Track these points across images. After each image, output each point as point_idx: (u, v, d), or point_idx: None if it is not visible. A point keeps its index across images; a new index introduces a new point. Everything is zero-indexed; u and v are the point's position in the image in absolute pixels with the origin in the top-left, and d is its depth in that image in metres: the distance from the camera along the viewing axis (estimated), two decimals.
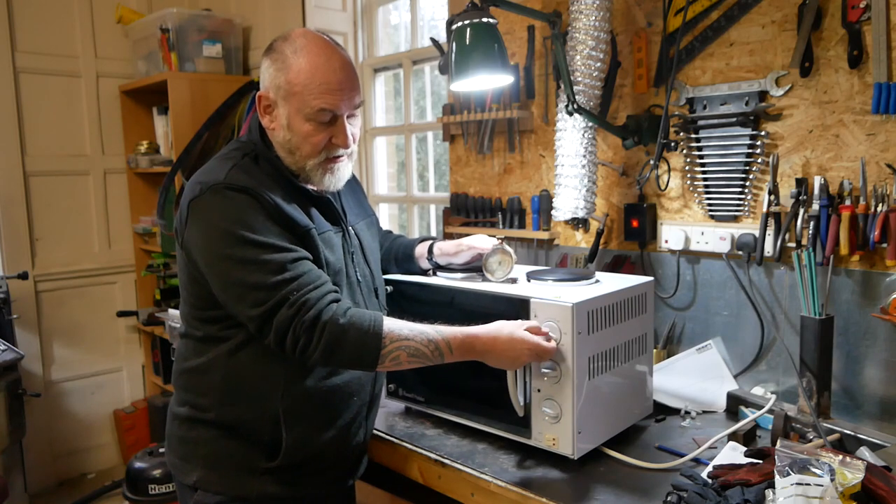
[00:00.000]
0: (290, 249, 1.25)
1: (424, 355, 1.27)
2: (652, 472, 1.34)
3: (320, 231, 1.35)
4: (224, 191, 1.25)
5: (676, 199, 1.89)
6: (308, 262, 1.28)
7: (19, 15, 3.14)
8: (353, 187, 1.61)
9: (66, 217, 3.36)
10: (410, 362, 1.27)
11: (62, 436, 3.36)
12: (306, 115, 1.29)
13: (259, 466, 1.34)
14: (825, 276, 1.57)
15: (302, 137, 1.31)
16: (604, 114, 1.99)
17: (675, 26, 1.81)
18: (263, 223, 1.25)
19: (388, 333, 1.25)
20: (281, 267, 1.22)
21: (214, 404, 1.35)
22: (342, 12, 3.08)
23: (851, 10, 1.50)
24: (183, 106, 3.09)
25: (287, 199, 1.31)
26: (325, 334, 1.21)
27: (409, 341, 1.26)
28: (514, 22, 2.20)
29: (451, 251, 1.61)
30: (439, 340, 1.27)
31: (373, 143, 3.16)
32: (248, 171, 1.31)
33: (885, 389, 1.52)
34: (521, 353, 1.28)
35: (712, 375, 1.75)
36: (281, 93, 1.30)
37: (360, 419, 1.44)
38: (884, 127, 1.50)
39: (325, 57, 1.30)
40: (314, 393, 1.35)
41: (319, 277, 1.26)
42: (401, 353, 1.25)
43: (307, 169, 1.35)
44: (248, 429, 1.34)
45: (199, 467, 1.36)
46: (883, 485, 1.07)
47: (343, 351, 1.22)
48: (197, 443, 1.38)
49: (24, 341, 3.13)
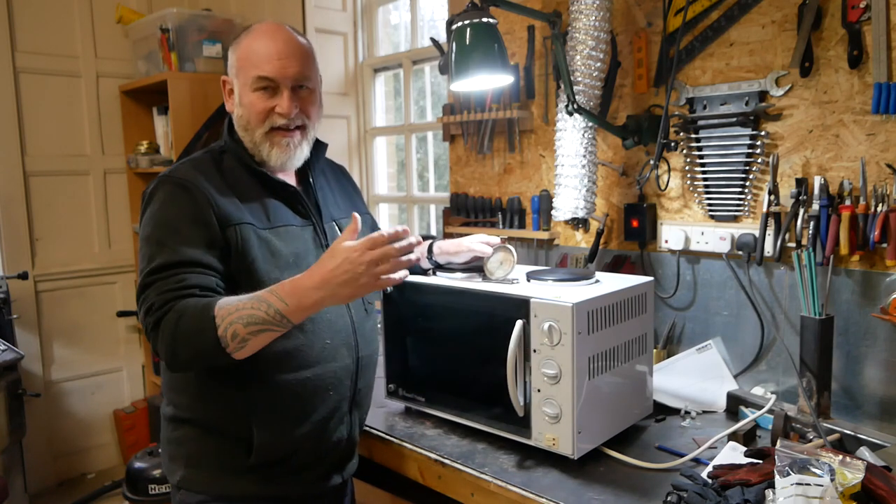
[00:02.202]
0: (183, 251, 1.23)
1: (262, 319, 1.15)
2: (652, 472, 1.34)
3: (273, 225, 1.35)
4: (164, 184, 1.31)
5: (676, 199, 1.89)
6: (191, 266, 1.22)
7: (19, 15, 3.14)
8: (344, 186, 1.62)
9: (66, 217, 3.35)
10: (252, 332, 1.15)
11: (62, 436, 3.36)
12: (250, 85, 1.35)
13: (240, 465, 1.33)
14: (825, 276, 1.57)
15: (248, 108, 1.36)
16: (604, 114, 1.99)
17: (675, 26, 1.81)
18: (185, 217, 1.26)
19: (220, 311, 1.16)
20: (159, 266, 1.22)
21: (191, 402, 1.36)
22: (342, 12, 3.09)
23: (851, 10, 1.50)
24: (183, 106, 3.09)
25: (230, 193, 1.32)
26: (163, 334, 1.18)
27: (241, 311, 1.15)
28: (514, 22, 2.20)
29: (451, 250, 1.62)
30: (268, 296, 1.17)
31: (373, 143, 3.16)
32: (199, 165, 1.35)
33: (885, 389, 1.52)
34: (357, 273, 1.14)
35: (712, 375, 1.75)
36: (233, 71, 1.39)
37: (340, 415, 1.41)
38: (884, 127, 1.50)
39: (271, 34, 1.37)
40: (284, 387, 1.32)
41: (182, 281, 1.21)
42: (236, 326, 1.15)
43: (257, 142, 1.37)
44: (224, 427, 1.33)
45: (183, 466, 1.37)
46: (883, 485, 1.07)
47: (183, 345, 1.17)
48: (180, 442, 1.38)
49: (24, 341, 3.13)
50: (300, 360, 1.33)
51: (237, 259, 1.29)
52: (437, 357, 1.56)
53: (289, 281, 1.19)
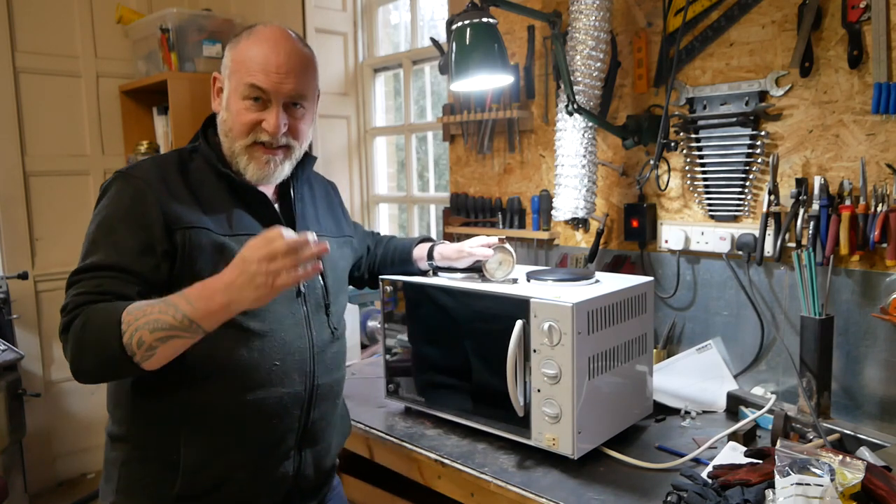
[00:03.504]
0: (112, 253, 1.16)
1: (169, 325, 1.06)
2: (652, 472, 1.34)
3: (235, 233, 1.24)
4: (117, 180, 1.23)
5: (676, 199, 1.89)
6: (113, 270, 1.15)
7: (19, 15, 3.14)
8: (332, 205, 1.53)
9: (66, 217, 3.35)
10: (159, 338, 1.06)
11: (62, 436, 3.36)
12: (241, 92, 1.26)
13: (167, 494, 1.21)
14: (825, 276, 1.57)
15: (234, 116, 1.27)
16: (604, 114, 1.99)
17: (675, 26, 1.81)
18: (124, 217, 1.18)
19: (127, 317, 1.06)
20: (86, 267, 1.16)
21: (126, 416, 1.26)
22: (342, 12, 3.09)
23: (851, 10, 1.50)
24: (183, 106, 3.09)
25: (189, 196, 1.24)
26: (69, 341, 1.11)
27: (147, 316, 1.06)
28: (514, 22, 2.20)
29: (452, 256, 1.58)
30: (176, 299, 1.08)
31: (373, 143, 3.16)
32: (161, 164, 1.28)
33: (885, 389, 1.52)
34: (254, 273, 1.04)
35: (712, 375, 1.75)
36: (226, 71, 1.29)
37: (284, 448, 1.28)
38: (884, 127, 1.50)
39: (273, 41, 1.27)
40: (220, 408, 1.21)
41: (99, 286, 1.13)
42: (142, 332, 1.05)
43: (236, 153, 1.28)
44: (155, 448, 1.23)
45: (113, 492, 1.26)
46: (883, 485, 1.07)
47: (87, 353, 1.10)
48: (114, 463, 1.28)
49: (24, 341, 3.13)
50: (242, 381, 1.22)
51: (183, 263, 1.19)
52: (437, 357, 1.56)
53: (200, 283, 1.09)
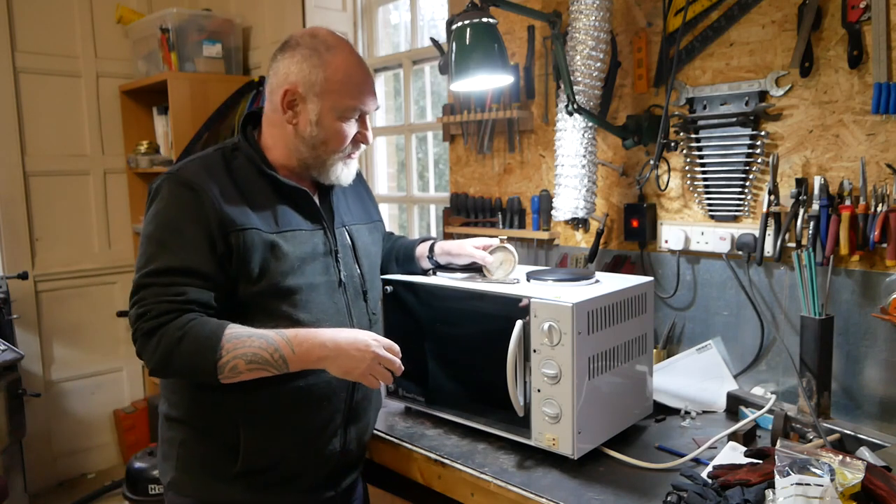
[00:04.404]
0: (184, 256, 1.23)
1: (265, 360, 1.21)
2: (652, 472, 1.34)
3: (281, 229, 1.33)
4: (169, 182, 1.29)
5: (676, 199, 1.89)
6: (190, 275, 1.23)
7: (19, 15, 3.14)
8: (360, 192, 1.60)
9: (66, 217, 3.36)
10: (251, 369, 1.21)
11: (62, 436, 3.36)
12: (339, 112, 1.35)
13: (227, 472, 1.32)
14: (825, 276, 1.57)
15: (332, 133, 1.35)
16: (604, 114, 1.99)
17: (675, 26, 1.81)
18: (187, 218, 1.25)
19: (227, 343, 1.19)
20: (159, 270, 1.22)
21: (184, 402, 1.35)
22: (342, 12, 3.09)
23: (851, 10, 1.50)
24: (183, 106, 3.09)
25: (237, 196, 1.30)
26: (160, 344, 1.19)
27: (247, 347, 1.20)
28: (514, 22, 2.20)
29: (453, 251, 1.60)
30: (280, 341, 1.22)
31: (373, 143, 3.16)
32: (209, 165, 1.33)
33: (885, 389, 1.52)
34: (361, 359, 1.25)
35: (712, 375, 1.75)
36: (315, 89, 1.33)
37: (332, 427, 1.39)
38: (884, 127, 1.50)
39: (356, 58, 1.37)
40: (273, 395, 1.30)
41: (182, 294, 1.22)
42: (238, 361, 1.20)
43: (328, 163, 1.39)
44: (213, 430, 1.33)
45: (173, 469, 1.36)
46: (883, 485, 1.07)
47: (178, 362, 1.19)
48: (172, 443, 1.37)
49: (24, 341, 3.13)
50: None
51: (238, 264, 1.27)
52: (437, 357, 1.56)
53: (304, 331, 1.25)
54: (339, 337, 1.26)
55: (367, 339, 1.27)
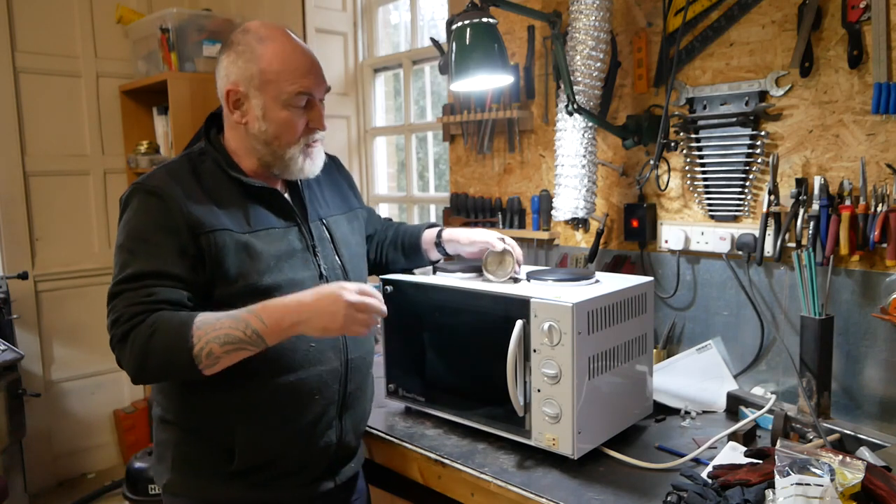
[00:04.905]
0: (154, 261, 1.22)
1: (238, 339, 1.17)
2: (652, 472, 1.34)
3: (254, 229, 1.32)
4: (137, 192, 1.29)
5: (676, 199, 1.89)
6: (160, 277, 1.22)
7: (19, 15, 3.14)
8: (336, 180, 1.58)
9: (66, 217, 3.36)
10: (227, 351, 1.17)
11: (62, 436, 3.36)
12: (284, 101, 1.31)
13: (223, 471, 1.31)
14: (825, 276, 1.57)
15: (281, 125, 1.32)
16: (604, 114, 1.99)
17: (675, 26, 1.81)
18: (155, 225, 1.25)
19: (197, 331, 1.16)
20: (130, 276, 1.22)
21: (175, 405, 1.35)
22: (342, 12, 3.09)
23: (851, 10, 1.50)
24: (183, 106, 3.09)
25: (206, 199, 1.29)
26: (133, 346, 1.18)
27: (218, 330, 1.16)
28: (514, 22, 2.20)
29: (462, 240, 1.59)
30: (248, 317, 1.18)
31: (373, 143, 3.16)
32: (175, 172, 1.32)
33: (885, 389, 1.52)
34: (335, 312, 1.18)
35: (712, 375, 1.75)
36: (255, 83, 1.31)
37: (327, 420, 1.38)
38: (884, 127, 1.50)
39: (291, 43, 1.33)
40: (266, 391, 1.30)
41: (152, 294, 1.21)
42: (212, 345, 1.16)
43: (286, 157, 1.35)
44: (206, 430, 1.32)
45: (168, 470, 1.35)
46: (883, 485, 1.07)
47: (153, 360, 1.17)
48: (166, 445, 1.37)
49: (24, 341, 3.13)
50: (283, 364, 1.30)
51: (212, 266, 1.26)
52: (437, 357, 1.56)
53: (271, 301, 1.21)
54: (305, 297, 1.21)
55: (332, 289, 1.21)
